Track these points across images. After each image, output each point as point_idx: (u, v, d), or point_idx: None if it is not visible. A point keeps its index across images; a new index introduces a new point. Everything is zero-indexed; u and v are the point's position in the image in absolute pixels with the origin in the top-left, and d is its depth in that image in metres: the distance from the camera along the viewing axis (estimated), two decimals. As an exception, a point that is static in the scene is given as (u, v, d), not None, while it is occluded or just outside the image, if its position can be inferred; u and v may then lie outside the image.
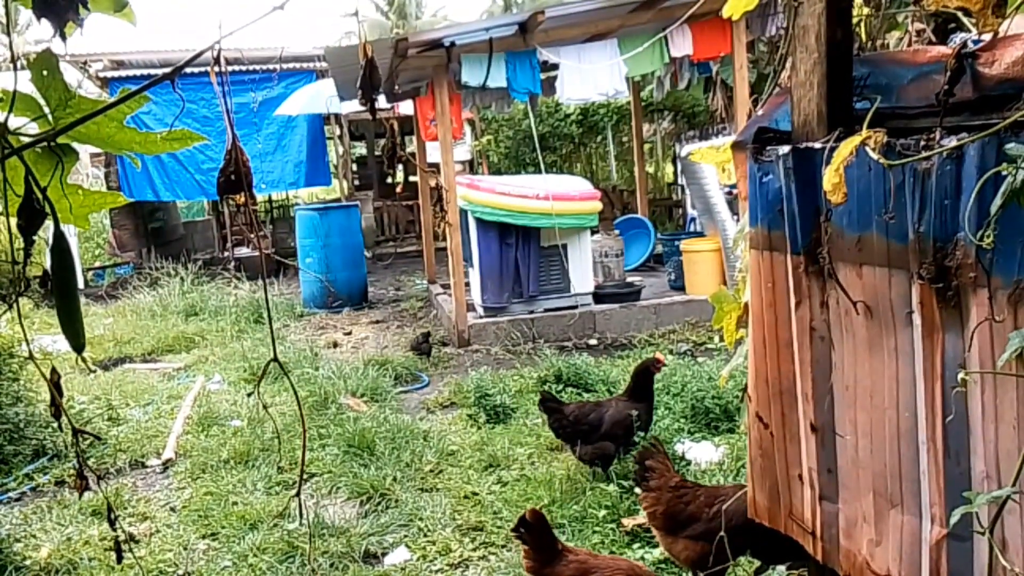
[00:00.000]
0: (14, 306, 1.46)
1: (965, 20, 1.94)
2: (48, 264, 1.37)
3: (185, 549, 3.92)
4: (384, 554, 3.76)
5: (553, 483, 4.24)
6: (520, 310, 7.68)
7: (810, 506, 2.06)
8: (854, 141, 1.63)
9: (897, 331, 1.74)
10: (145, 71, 12.79)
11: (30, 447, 5.14)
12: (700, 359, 6.25)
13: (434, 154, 10.35)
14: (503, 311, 7.66)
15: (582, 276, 7.74)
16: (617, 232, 8.81)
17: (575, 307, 7.68)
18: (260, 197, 14.21)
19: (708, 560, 2.96)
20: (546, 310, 7.68)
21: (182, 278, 10.62)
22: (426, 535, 3.88)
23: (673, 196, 15.00)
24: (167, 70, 1.40)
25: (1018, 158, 1.32)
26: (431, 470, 4.65)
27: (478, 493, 4.28)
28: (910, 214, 1.64)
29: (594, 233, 8.18)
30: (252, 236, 12.69)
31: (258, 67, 12.58)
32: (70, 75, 12.63)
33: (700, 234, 8.86)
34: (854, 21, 2.03)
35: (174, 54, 12.57)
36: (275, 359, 1.64)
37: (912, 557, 1.76)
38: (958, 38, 2.08)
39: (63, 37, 1.34)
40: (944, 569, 1.68)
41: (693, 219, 10.54)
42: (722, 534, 2.54)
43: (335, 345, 8.05)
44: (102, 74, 12.65)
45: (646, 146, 15.24)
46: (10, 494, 4.70)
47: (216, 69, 1.49)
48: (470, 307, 7.81)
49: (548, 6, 7.24)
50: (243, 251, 13.19)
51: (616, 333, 7.56)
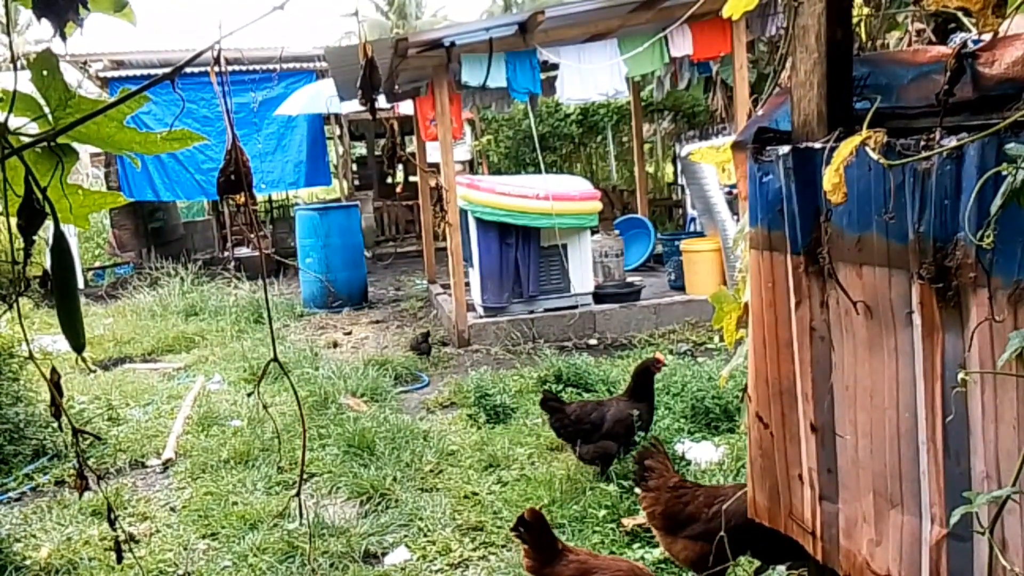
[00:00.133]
0: (14, 306, 1.46)
1: (965, 20, 1.94)
2: (48, 264, 1.37)
3: (185, 549, 3.92)
4: (384, 554, 3.76)
5: (553, 483, 4.24)
6: (520, 310, 7.68)
7: (810, 506, 2.06)
8: (854, 141, 1.63)
9: (897, 331, 1.74)
10: (145, 71, 12.79)
11: (30, 447, 5.14)
12: (700, 359, 6.25)
13: (434, 154, 10.35)
14: (503, 311, 7.66)
15: (582, 276, 7.74)
16: (617, 232, 8.82)
17: (575, 307, 7.68)
18: (260, 197, 14.21)
19: (707, 560, 2.95)
20: (546, 310, 7.68)
21: (182, 278, 10.62)
22: (426, 535, 3.88)
23: (673, 196, 15.00)
24: (167, 70, 1.40)
25: (1018, 158, 1.32)
26: (431, 470, 4.65)
27: (478, 493, 4.28)
28: (910, 214, 1.64)
29: (594, 233, 8.18)
30: (252, 236, 12.69)
31: (258, 67, 12.58)
32: (70, 75, 12.63)
33: (700, 234, 8.86)
34: (854, 21, 2.03)
35: (174, 54, 12.57)
36: (275, 359, 1.64)
37: (912, 557, 1.76)
38: (958, 38, 2.08)
39: (63, 37, 1.34)
40: (944, 569, 1.68)
41: (693, 219, 10.54)
42: (722, 534, 2.54)
43: (335, 345, 8.05)
44: (102, 74, 12.65)
45: (646, 146, 15.25)
46: (10, 494, 4.70)
47: (216, 69, 1.49)
48: (470, 307, 7.81)
49: (548, 6, 7.24)
50: (243, 251, 13.19)
51: (616, 333, 7.56)
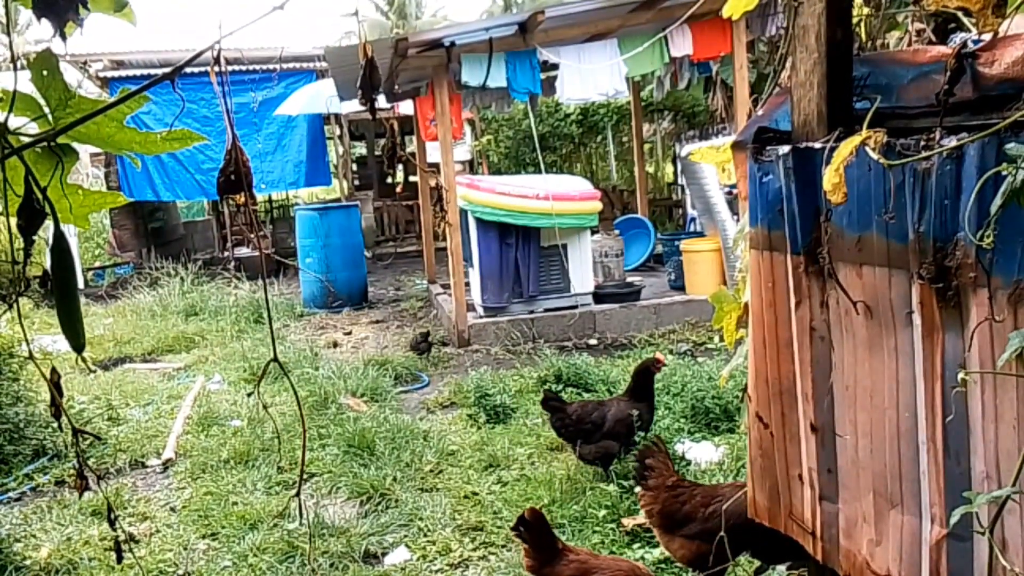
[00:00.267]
0: (14, 306, 1.46)
1: (965, 20, 1.93)
2: (48, 264, 1.37)
3: (185, 549, 3.92)
4: (384, 554, 3.76)
5: (553, 483, 4.24)
6: (520, 310, 7.68)
7: (810, 506, 2.06)
8: (854, 141, 1.63)
9: (897, 331, 1.74)
10: (145, 71, 12.79)
11: (30, 447, 5.14)
12: (700, 359, 6.25)
13: (434, 154, 10.35)
14: (503, 311, 7.66)
15: (582, 276, 7.74)
16: (617, 232, 8.81)
17: (575, 307, 7.68)
18: (260, 197, 14.21)
19: (704, 559, 2.99)
20: (546, 310, 7.68)
21: (182, 278, 10.62)
22: (426, 535, 3.89)
23: (673, 196, 15.00)
24: (167, 70, 1.40)
25: (1018, 158, 1.32)
26: (431, 470, 4.65)
27: (478, 493, 4.28)
28: (910, 214, 1.64)
29: (594, 233, 8.18)
30: (252, 236, 12.69)
31: (258, 67, 12.58)
32: (70, 75, 12.63)
33: (700, 234, 8.86)
34: (854, 21, 2.03)
35: (174, 54, 12.57)
36: (275, 359, 1.64)
37: (912, 557, 1.76)
38: (958, 38, 2.08)
39: (63, 37, 1.34)
40: (944, 569, 1.68)
41: (693, 219, 10.54)
42: (722, 534, 2.54)
43: (335, 345, 8.05)
44: (102, 74, 12.65)
45: (646, 146, 15.25)
46: (10, 494, 4.70)
47: (216, 69, 1.49)
48: (470, 307, 7.81)
49: (548, 6, 7.23)
50: (243, 251, 13.19)
51: (616, 333, 7.56)
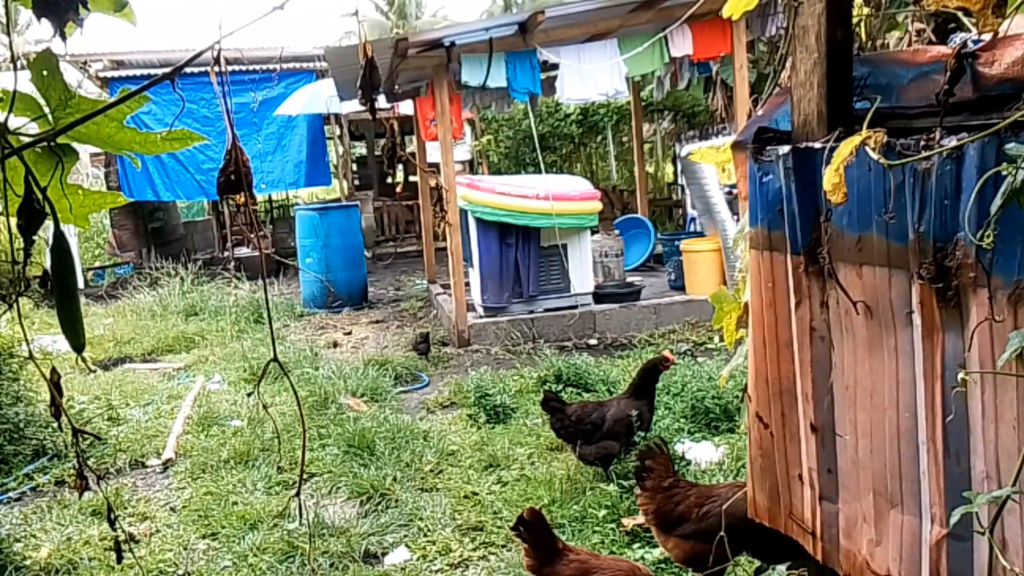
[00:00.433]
0: (14, 306, 1.46)
1: (965, 20, 1.93)
2: (48, 264, 1.37)
3: (185, 549, 3.92)
4: (384, 554, 3.76)
5: (553, 483, 4.24)
6: (520, 310, 7.68)
7: (810, 506, 2.06)
8: (854, 141, 1.63)
9: (897, 331, 1.74)
10: (145, 71, 12.79)
11: (30, 447, 5.14)
12: (700, 359, 6.25)
13: (434, 154, 10.35)
14: (503, 311, 7.66)
15: (582, 276, 7.74)
16: (617, 232, 8.81)
17: (575, 307, 7.68)
18: (260, 197, 14.21)
19: (698, 558, 3.03)
20: (546, 310, 7.68)
21: (182, 278, 10.62)
22: (426, 535, 3.89)
23: (673, 196, 15.00)
24: (167, 70, 1.40)
25: (1018, 158, 1.32)
26: (431, 470, 4.65)
27: (478, 493, 4.28)
28: (910, 214, 1.64)
29: (594, 233, 8.18)
30: (252, 236, 12.69)
31: (258, 67, 12.58)
32: (70, 75, 12.63)
33: (700, 234, 8.85)
34: (854, 21, 2.03)
35: (174, 54, 12.57)
36: (275, 359, 1.64)
37: (912, 557, 1.76)
38: (958, 38, 2.08)
39: (63, 37, 1.34)
40: (944, 569, 1.68)
41: (693, 219, 10.54)
42: (721, 534, 2.54)
43: (335, 345, 8.05)
44: (102, 74, 12.65)
45: (646, 146, 15.25)
46: (10, 494, 4.70)
47: (216, 69, 1.49)
48: (470, 307, 7.81)
49: (548, 6, 7.23)
50: (243, 251, 13.19)
51: (616, 333, 7.56)
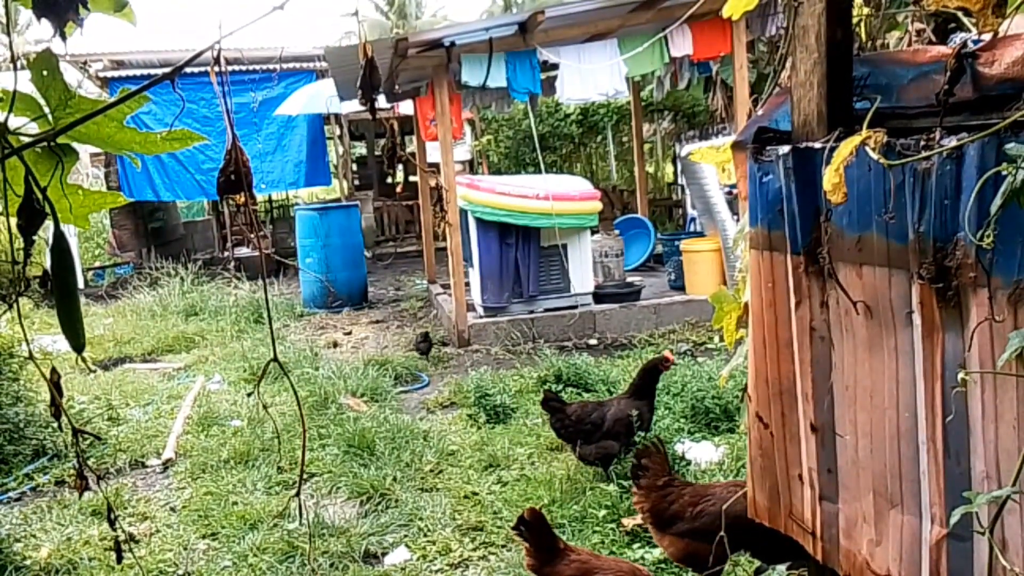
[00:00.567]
0: (14, 306, 1.46)
1: (965, 20, 1.93)
2: (48, 264, 1.37)
3: (185, 549, 3.92)
4: (384, 554, 3.76)
5: (553, 483, 4.24)
6: (520, 310, 7.68)
7: (810, 506, 2.06)
8: (854, 141, 1.63)
9: (897, 331, 1.74)
10: (145, 71, 12.79)
11: (30, 447, 5.14)
12: (700, 359, 6.25)
13: (434, 154, 10.35)
14: (503, 311, 7.66)
15: (582, 276, 7.74)
16: (617, 232, 8.81)
17: (575, 307, 7.68)
18: (260, 197, 14.21)
19: (694, 557, 3.06)
20: (546, 310, 7.68)
21: (182, 278, 10.62)
22: (426, 535, 3.89)
23: (673, 196, 15.00)
24: (167, 70, 1.40)
25: (1018, 158, 1.32)
26: (431, 470, 4.65)
27: (478, 493, 4.28)
28: (910, 214, 1.64)
29: (594, 233, 8.18)
30: (252, 236, 12.69)
31: (258, 67, 12.58)
32: (70, 75, 12.63)
33: (700, 234, 8.85)
34: (854, 21, 2.03)
35: (174, 54, 12.57)
36: (275, 359, 1.64)
37: (912, 557, 1.76)
38: (958, 38, 2.08)
39: (63, 37, 1.34)
40: (944, 569, 1.68)
41: (693, 219, 10.53)
42: (721, 534, 2.54)
43: (335, 345, 8.05)
44: (102, 74, 12.65)
45: (646, 146, 15.24)
46: (10, 494, 4.70)
47: (216, 69, 1.49)
48: (470, 307, 7.81)
49: (548, 6, 7.23)
50: (243, 251, 13.19)
51: (616, 333, 7.56)
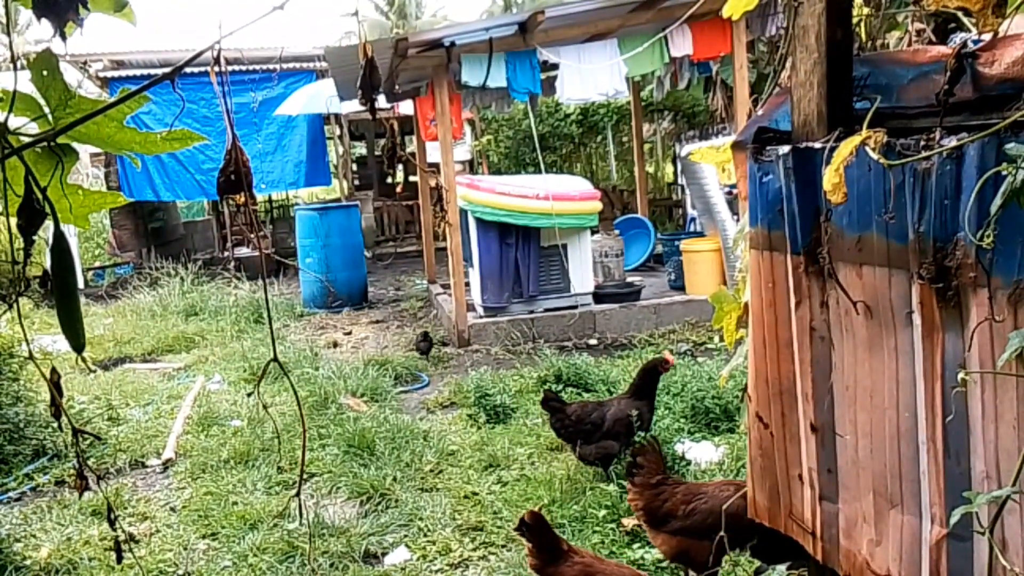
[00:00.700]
0: (14, 306, 1.46)
1: (965, 20, 1.94)
2: (48, 264, 1.37)
3: (185, 549, 3.92)
4: (384, 554, 3.76)
5: (553, 483, 4.24)
6: (520, 310, 7.68)
7: (810, 506, 2.06)
8: (854, 141, 1.63)
9: (897, 331, 1.74)
10: (145, 71, 12.79)
11: (30, 447, 5.14)
12: (700, 359, 6.25)
13: (434, 154, 10.35)
14: (503, 311, 7.66)
15: (582, 276, 7.73)
16: (617, 232, 8.81)
17: (575, 307, 7.68)
18: (260, 197, 14.21)
19: (687, 554, 3.08)
20: (546, 310, 7.68)
21: (182, 278, 10.62)
22: (426, 535, 3.89)
23: (673, 196, 15.00)
24: (167, 70, 1.40)
25: (1018, 158, 1.32)
26: (431, 470, 4.65)
27: (478, 493, 4.28)
28: (910, 214, 1.64)
29: (594, 233, 8.18)
30: (252, 236, 12.69)
31: (258, 67, 12.58)
32: (70, 75, 12.63)
33: (700, 234, 8.85)
34: (854, 21, 2.03)
35: (174, 54, 12.57)
36: (275, 359, 1.64)
37: (912, 557, 1.76)
38: (958, 38, 2.08)
39: (63, 37, 1.34)
40: (944, 569, 1.68)
41: (693, 219, 10.53)
42: (722, 534, 2.54)
43: (335, 345, 8.05)
44: (102, 74, 12.65)
45: (646, 146, 15.24)
46: (10, 494, 4.70)
47: (216, 69, 1.49)
48: (470, 307, 7.81)
49: (548, 6, 7.23)
50: (243, 251, 13.19)
51: (616, 333, 7.56)
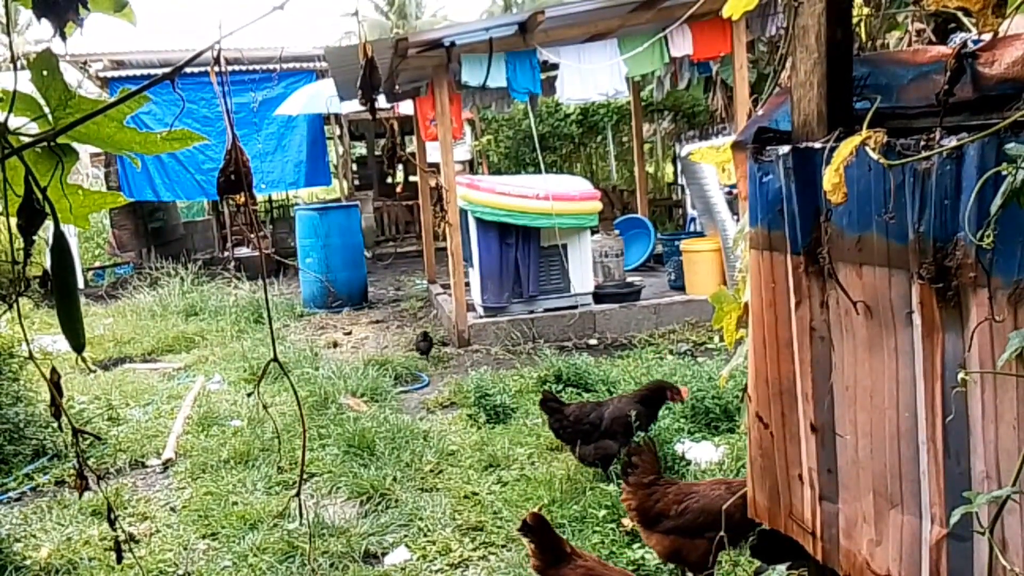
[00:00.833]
0: (14, 306, 1.46)
1: (965, 20, 1.93)
2: (48, 264, 1.37)
3: (185, 549, 3.92)
4: (384, 554, 3.76)
5: (553, 483, 4.24)
6: (520, 310, 7.68)
7: (810, 506, 2.06)
8: (854, 141, 1.63)
9: (897, 331, 1.74)
10: (145, 71, 12.79)
11: (30, 447, 5.14)
12: (700, 359, 6.25)
13: (434, 154, 10.35)
14: (503, 311, 7.66)
15: (582, 276, 7.73)
16: (617, 232, 8.81)
17: (575, 307, 7.68)
18: (260, 197, 14.21)
19: (680, 553, 3.09)
20: (546, 310, 7.68)
21: (182, 278, 10.62)
22: (426, 535, 3.89)
23: (673, 196, 15.00)
24: (167, 70, 1.40)
25: (1018, 158, 1.32)
26: (431, 470, 4.65)
27: (478, 493, 4.28)
28: (910, 214, 1.64)
29: (594, 233, 8.18)
30: (252, 236, 12.69)
31: (258, 67, 12.58)
32: (70, 75, 12.63)
33: (700, 234, 8.85)
34: (854, 21, 2.03)
35: (174, 54, 12.57)
36: (275, 359, 1.64)
37: (912, 557, 1.76)
38: (958, 38, 2.08)
39: (63, 37, 1.34)
40: (944, 569, 1.68)
41: (693, 219, 10.54)
42: (722, 534, 2.54)
43: (335, 345, 8.05)
44: (102, 74, 12.65)
45: (646, 146, 15.24)
46: (10, 494, 4.70)
47: (216, 69, 1.49)
48: (470, 307, 7.81)
49: (548, 6, 7.23)
50: (243, 251, 13.19)
51: (616, 333, 7.56)
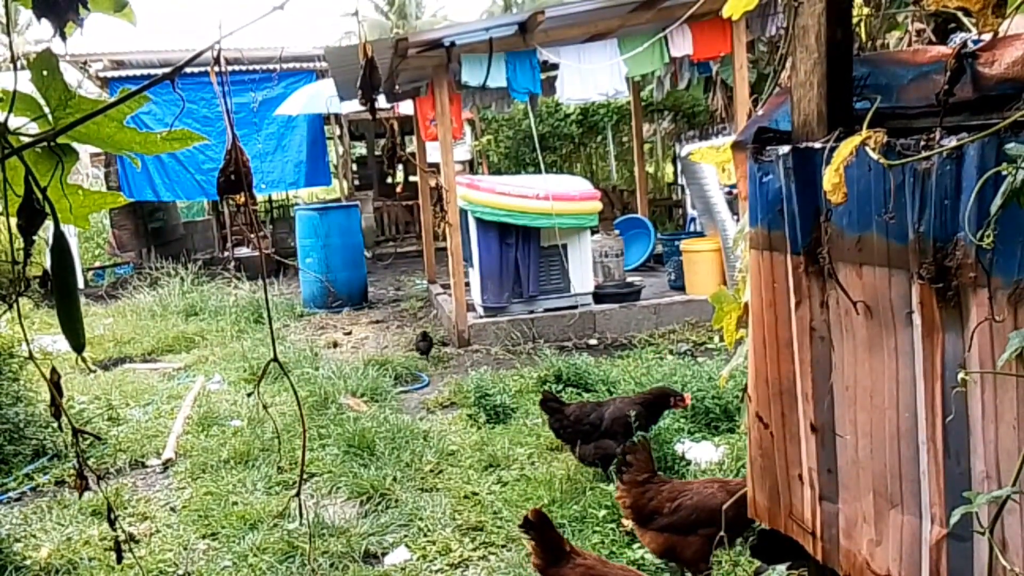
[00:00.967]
0: (14, 306, 1.46)
1: (965, 20, 1.93)
2: (48, 264, 1.37)
3: (185, 549, 3.92)
4: (384, 554, 3.76)
5: (553, 483, 4.24)
6: (520, 310, 7.68)
7: (810, 506, 2.06)
8: (854, 141, 1.63)
9: (897, 331, 1.74)
10: (145, 71, 12.79)
11: (30, 447, 5.14)
12: (700, 359, 6.25)
13: (434, 154, 10.35)
14: (503, 311, 7.66)
15: (582, 276, 7.73)
16: (617, 232, 8.81)
17: (575, 307, 7.68)
18: (260, 197, 14.21)
19: (674, 550, 3.12)
20: (546, 310, 7.68)
21: (182, 278, 10.62)
22: (426, 535, 3.89)
23: (673, 196, 15.00)
24: (167, 70, 1.40)
25: (1018, 158, 1.32)
26: (431, 470, 4.65)
27: (478, 493, 4.28)
28: (910, 214, 1.64)
29: (594, 233, 8.18)
30: (252, 236, 12.69)
31: (258, 67, 12.58)
32: (70, 75, 12.63)
33: (700, 234, 8.86)
34: (854, 21, 2.03)
35: (174, 54, 12.57)
36: (275, 359, 1.64)
37: (912, 557, 1.76)
38: (958, 38, 2.08)
39: (63, 37, 1.34)
40: (944, 569, 1.68)
41: (693, 219, 10.54)
42: (722, 534, 2.54)
43: (335, 345, 8.05)
44: (102, 74, 12.65)
45: (646, 146, 15.24)
46: (10, 494, 4.70)
47: (216, 69, 1.49)
48: (470, 307, 7.81)
49: (548, 6, 7.23)
50: (243, 251, 13.19)
51: (616, 333, 7.56)
